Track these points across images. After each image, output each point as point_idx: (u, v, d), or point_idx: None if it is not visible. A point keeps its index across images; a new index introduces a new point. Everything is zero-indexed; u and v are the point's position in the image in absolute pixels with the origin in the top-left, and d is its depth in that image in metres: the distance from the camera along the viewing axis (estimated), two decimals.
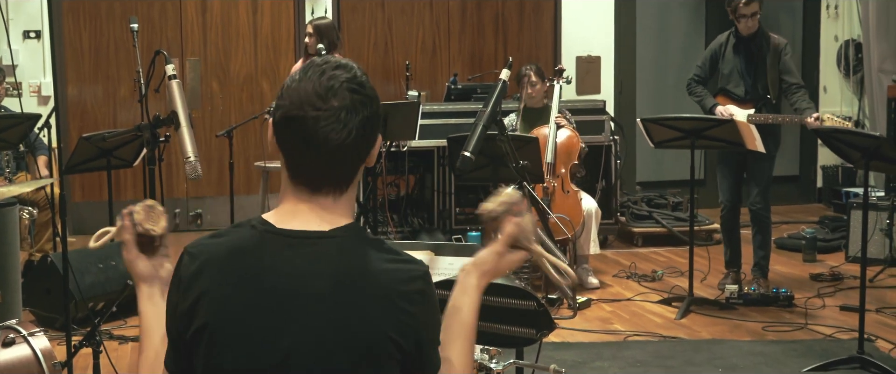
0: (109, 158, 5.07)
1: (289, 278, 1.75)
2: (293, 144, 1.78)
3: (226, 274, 1.76)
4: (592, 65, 9.02)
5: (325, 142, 1.75)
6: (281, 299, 1.74)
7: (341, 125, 1.75)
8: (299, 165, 1.80)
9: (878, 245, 6.91)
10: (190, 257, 1.80)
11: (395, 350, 1.75)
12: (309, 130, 1.74)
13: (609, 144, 7.56)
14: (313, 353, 1.73)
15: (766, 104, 6.04)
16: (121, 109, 8.35)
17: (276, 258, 1.76)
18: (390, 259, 1.79)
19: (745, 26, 6.02)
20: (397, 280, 1.76)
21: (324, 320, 1.73)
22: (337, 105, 1.74)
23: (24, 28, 8.02)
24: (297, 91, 1.76)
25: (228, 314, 1.74)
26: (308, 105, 1.74)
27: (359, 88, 1.78)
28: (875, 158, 4.79)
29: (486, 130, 3.40)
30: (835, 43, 9.58)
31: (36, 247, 6.52)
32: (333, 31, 6.71)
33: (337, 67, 1.78)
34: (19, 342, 3.60)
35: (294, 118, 1.75)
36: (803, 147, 9.65)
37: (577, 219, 6.24)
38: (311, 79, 1.76)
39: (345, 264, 1.76)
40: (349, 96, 1.76)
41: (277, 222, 1.80)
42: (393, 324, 1.74)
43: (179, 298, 1.78)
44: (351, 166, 1.81)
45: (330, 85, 1.75)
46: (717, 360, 4.98)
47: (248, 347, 1.74)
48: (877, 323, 5.58)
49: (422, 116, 6.46)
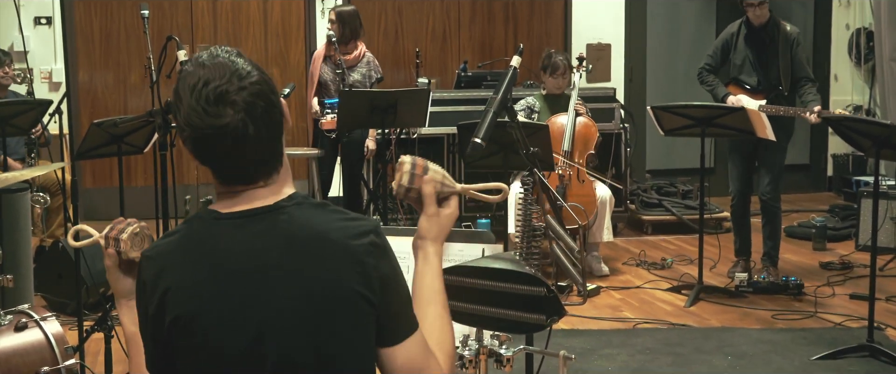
0: (120, 144, 5.07)
1: (246, 257, 1.78)
2: (213, 159, 1.80)
3: (185, 267, 1.79)
4: (603, 53, 9.00)
5: (240, 144, 1.76)
6: (243, 278, 1.77)
7: (244, 125, 1.75)
8: (228, 172, 1.82)
9: (889, 234, 6.90)
10: (148, 260, 1.83)
11: (364, 303, 1.77)
12: (222, 143, 1.76)
13: (619, 132, 7.56)
14: (286, 323, 1.75)
15: (778, 95, 6.02)
16: (131, 95, 8.37)
17: (230, 240, 1.79)
18: (339, 219, 1.81)
19: (754, 15, 6.00)
20: (349, 236, 1.78)
21: (288, 289, 1.76)
22: (232, 112, 1.74)
23: (36, 14, 8.04)
24: (191, 114, 1.75)
25: (196, 303, 1.77)
26: (204, 125, 1.75)
27: (240, 80, 1.76)
28: (886, 146, 4.78)
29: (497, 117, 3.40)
30: (846, 31, 9.55)
31: (47, 232, 6.55)
32: (356, 19, 6.72)
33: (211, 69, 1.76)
34: (32, 327, 3.62)
35: (203, 138, 1.76)
36: (814, 136, 9.63)
37: (590, 208, 6.24)
38: (198, 95, 1.75)
39: (296, 230, 1.79)
40: (239, 98, 1.75)
41: (223, 208, 1.83)
42: (354, 277, 1.77)
43: (147, 302, 1.81)
44: (273, 148, 1.82)
45: (217, 94, 1.74)
46: (727, 348, 4.98)
47: (221, 331, 1.76)
48: (886, 312, 5.58)
49: (432, 104, 6.47)
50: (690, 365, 4.75)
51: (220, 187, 1.84)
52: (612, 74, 9.02)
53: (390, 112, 5.88)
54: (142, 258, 1.84)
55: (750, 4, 5.97)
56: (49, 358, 3.59)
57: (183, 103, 1.77)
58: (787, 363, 4.77)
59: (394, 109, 5.88)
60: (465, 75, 7.90)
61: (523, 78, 7.89)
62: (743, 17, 6.13)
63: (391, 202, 7.36)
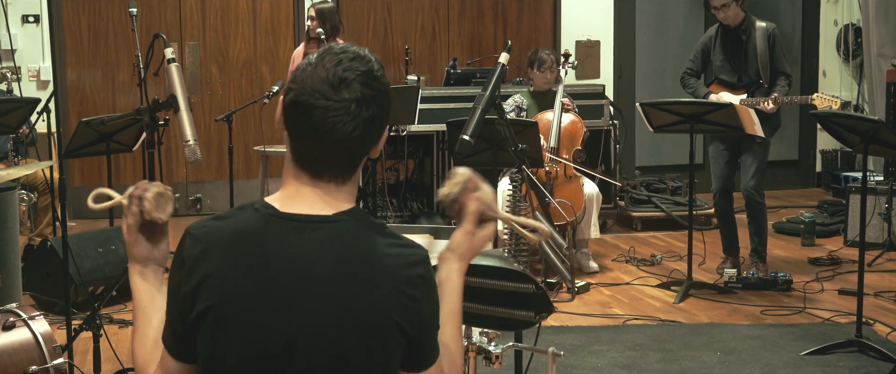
0: (109, 142, 5.06)
1: (293, 263, 1.75)
2: (300, 128, 1.77)
3: (230, 258, 1.76)
4: (592, 49, 9.01)
5: (331, 132, 1.74)
6: (286, 284, 1.75)
7: (350, 118, 1.74)
8: (303, 150, 1.79)
9: (877, 229, 6.92)
10: (192, 239, 1.79)
11: (399, 335, 1.76)
12: (317, 119, 1.74)
13: (608, 128, 7.57)
14: (318, 338, 1.74)
15: (758, 88, 6.06)
16: (120, 93, 8.35)
17: (281, 243, 1.76)
18: (392, 244, 1.79)
19: (722, 17, 6.07)
20: (400, 265, 1.77)
21: (328, 305, 1.74)
22: (348, 98, 1.74)
23: (23, 12, 8.01)
24: (310, 77, 1.75)
25: (233, 298, 1.75)
26: (319, 94, 1.74)
27: (372, 83, 1.77)
28: (874, 142, 4.79)
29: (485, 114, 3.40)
30: (834, 27, 9.57)
31: (36, 231, 6.53)
32: (336, 15, 6.70)
33: (354, 58, 1.77)
34: (19, 326, 3.61)
35: (303, 104, 1.75)
36: (802, 131, 9.66)
37: (578, 204, 6.25)
38: (327, 67, 1.75)
39: (349, 248, 1.77)
40: (361, 90, 1.75)
41: (281, 205, 1.80)
42: (397, 309, 1.76)
43: (182, 279, 1.78)
44: (354, 157, 1.81)
45: (344, 76, 1.74)
46: (716, 344, 4.99)
47: (252, 332, 1.74)
48: (875, 307, 5.60)
49: (421, 101, 6.46)
50: (680, 361, 4.76)
51: (289, 168, 1.82)
52: (602, 71, 9.03)
53: None
54: (186, 234, 1.80)
55: (714, 7, 6.03)
56: (37, 357, 3.58)
57: (313, 64, 1.76)
58: (776, 358, 4.78)
59: None
60: (454, 72, 7.90)
61: (512, 75, 7.89)
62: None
63: (381, 200, 7.37)
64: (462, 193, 2.02)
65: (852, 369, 4.62)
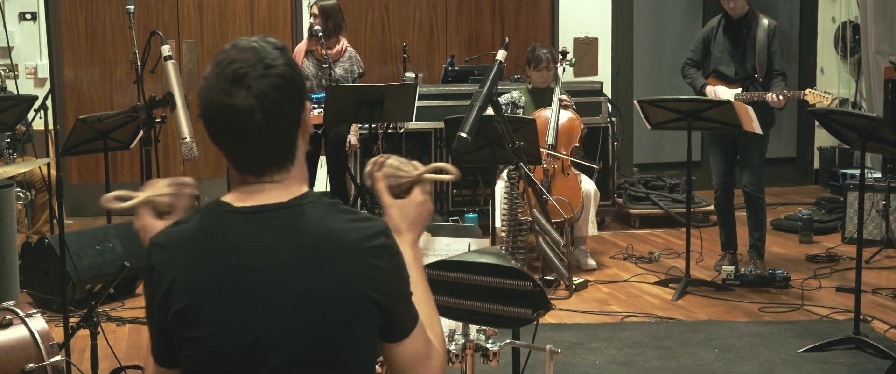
0: (106, 139, 5.06)
1: (254, 254, 1.77)
2: (222, 138, 1.79)
3: (193, 258, 1.79)
4: (590, 47, 9.01)
5: (245, 131, 1.76)
6: (251, 273, 1.77)
7: (254, 111, 1.74)
8: (235, 157, 1.82)
9: (875, 226, 6.92)
10: (157, 247, 1.82)
11: (373, 307, 1.78)
12: (227, 124, 1.76)
13: (606, 125, 7.57)
14: (292, 321, 1.76)
15: (753, 83, 6.07)
16: (117, 90, 8.34)
17: (239, 236, 1.78)
18: (350, 219, 1.81)
19: (729, 7, 6.08)
20: (361, 237, 1.78)
21: (297, 289, 1.76)
22: (245, 95, 1.74)
23: (20, 10, 8.00)
24: (207, 88, 1.77)
25: (201, 297, 1.77)
26: (218, 101, 1.75)
27: (267, 70, 1.76)
28: (871, 139, 4.79)
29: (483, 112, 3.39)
30: (832, 24, 9.57)
31: (33, 229, 6.53)
32: (338, 13, 6.70)
33: (243, 51, 1.77)
34: (17, 324, 3.61)
35: (210, 116, 1.77)
36: (800, 128, 9.66)
37: (576, 201, 6.25)
38: (218, 72, 1.76)
39: (307, 230, 1.78)
40: (256, 81, 1.75)
41: (235, 201, 1.82)
42: (366, 281, 1.77)
43: (153, 289, 1.81)
44: (282, 143, 1.82)
45: (235, 75, 1.74)
46: (714, 341, 4.99)
47: (226, 325, 1.76)
48: (873, 304, 5.60)
49: (419, 98, 6.46)
50: (678, 358, 4.76)
51: (234, 176, 1.85)
52: (599, 68, 9.03)
53: (377, 107, 5.87)
54: (151, 245, 1.83)
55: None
56: (34, 355, 3.58)
57: (206, 78, 1.78)
58: (774, 355, 4.78)
59: (380, 104, 5.88)
60: (452, 70, 7.89)
61: (510, 72, 7.88)
62: (723, 10, 6.20)
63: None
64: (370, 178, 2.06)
65: (850, 366, 4.62)
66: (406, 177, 2.06)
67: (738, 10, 6.09)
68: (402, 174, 2.06)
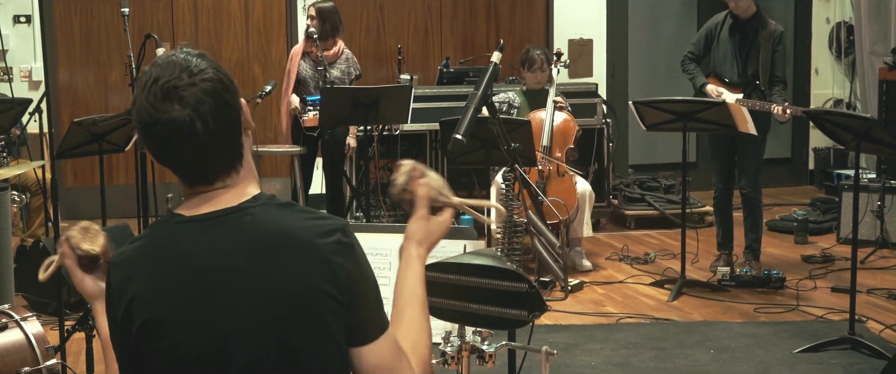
0: (101, 142, 5.05)
1: (209, 260, 1.77)
2: (162, 154, 1.79)
3: (150, 271, 1.78)
4: (585, 48, 9.01)
5: (185, 140, 1.75)
6: (207, 280, 1.76)
7: (191, 119, 1.74)
8: (181, 170, 1.81)
9: (869, 227, 6.93)
10: (114, 266, 1.83)
11: (332, 303, 1.76)
12: (165, 136, 1.75)
13: (601, 127, 7.57)
14: (252, 324, 1.75)
15: (755, 90, 6.05)
16: (112, 93, 8.33)
17: (193, 244, 1.78)
18: (305, 218, 1.80)
19: (734, 6, 6.04)
20: (316, 235, 1.77)
21: (254, 290, 1.75)
22: (179, 108, 1.73)
23: (15, 13, 7.99)
24: (139, 108, 1.76)
25: (162, 307, 1.76)
26: (151, 116, 1.74)
27: (191, 76, 1.75)
28: (866, 139, 4.80)
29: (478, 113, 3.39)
30: (826, 25, 9.59)
31: (28, 232, 6.52)
32: (336, 15, 6.70)
33: (166, 67, 1.76)
34: (12, 327, 3.60)
35: (148, 132, 1.76)
36: (795, 129, 9.67)
37: (571, 202, 6.25)
38: (147, 90, 1.75)
39: (260, 231, 1.78)
40: (186, 94, 1.74)
41: (187, 211, 1.82)
42: (322, 277, 1.76)
43: (114, 308, 1.81)
44: (225, 146, 1.81)
45: (164, 91, 1.73)
46: (709, 342, 5.00)
47: (188, 335, 1.75)
48: (868, 304, 5.61)
49: (414, 100, 6.46)
50: (673, 359, 4.77)
51: (184, 189, 1.84)
52: (594, 70, 9.03)
53: (372, 109, 5.87)
54: (109, 264, 1.85)
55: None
56: (30, 358, 3.57)
57: (136, 101, 1.77)
58: (769, 356, 4.79)
59: (376, 106, 5.87)
60: (447, 71, 7.89)
61: (505, 74, 7.89)
62: (729, 9, 6.16)
63: (374, 199, 7.36)
64: (409, 182, 2.05)
65: (845, 366, 4.63)
66: (446, 200, 2.06)
67: (745, 9, 6.04)
68: (444, 196, 2.06)
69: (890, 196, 6.89)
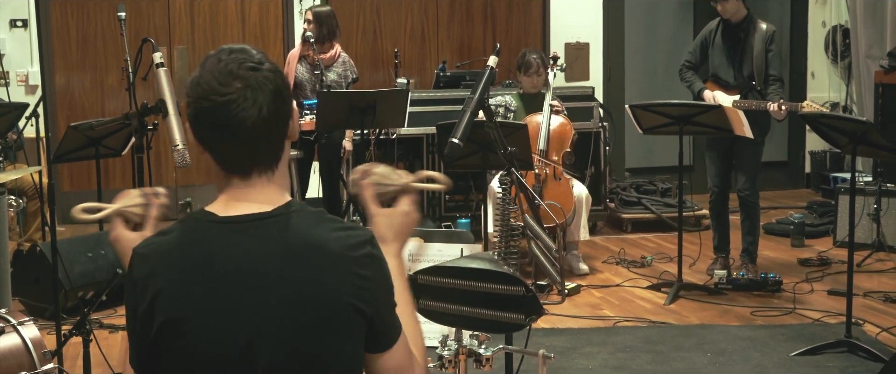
0: (98, 146, 5.06)
1: (240, 262, 1.77)
2: (211, 135, 1.79)
3: (178, 269, 1.78)
4: (581, 52, 9.02)
5: (240, 123, 1.76)
6: (236, 283, 1.76)
7: (250, 103, 1.76)
8: (224, 155, 1.81)
9: (866, 230, 6.94)
10: (140, 258, 1.81)
11: (357, 316, 1.78)
12: (220, 117, 1.76)
13: (598, 130, 7.58)
14: (277, 331, 1.75)
15: (751, 91, 6.07)
16: (109, 97, 8.33)
17: (224, 245, 1.78)
18: (336, 228, 1.81)
19: (722, 10, 6.08)
20: (347, 247, 1.78)
21: (282, 298, 1.75)
22: (240, 86, 1.76)
23: (11, 17, 7.99)
24: (198, 84, 1.78)
25: (187, 306, 1.76)
26: (213, 93, 1.76)
27: (257, 66, 1.78)
28: (862, 143, 4.80)
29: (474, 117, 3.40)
30: (822, 29, 9.60)
31: (25, 237, 6.51)
32: (332, 20, 6.71)
33: (231, 53, 1.80)
34: (9, 332, 3.60)
35: (203, 110, 1.77)
36: (792, 133, 9.68)
37: (568, 206, 6.25)
38: (209, 69, 1.78)
39: (292, 239, 1.78)
40: (250, 75, 1.77)
41: (219, 211, 1.82)
42: (351, 290, 1.77)
43: (136, 300, 1.79)
44: (273, 144, 1.82)
45: (228, 69, 1.77)
46: (706, 345, 5.00)
47: (212, 336, 1.75)
48: (864, 307, 5.61)
49: (410, 104, 6.47)
50: (670, 363, 4.77)
51: (219, 180, 1.84)
52: (591, 73, 9.04)
53: (369, 113, 5.87)
54: (134, 255, 1.82)
55: (714, 0, 6.06)
56: (27, 363, 3.57)
57: (197, 74, 1.79)
58: (766, 359, 4.79)
59: (372, 110, 5.88)
60: (443, 75, 7.90)
61: (501, 78, 7.89)
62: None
63: None
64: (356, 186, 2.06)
65: (842, 369, 4.63)
66: (393, 186, 2.06)
67: (733, 13, 6.08)
68: (389, 183, 2.06)
69: (886, 199, 6.90)
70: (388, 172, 2.07)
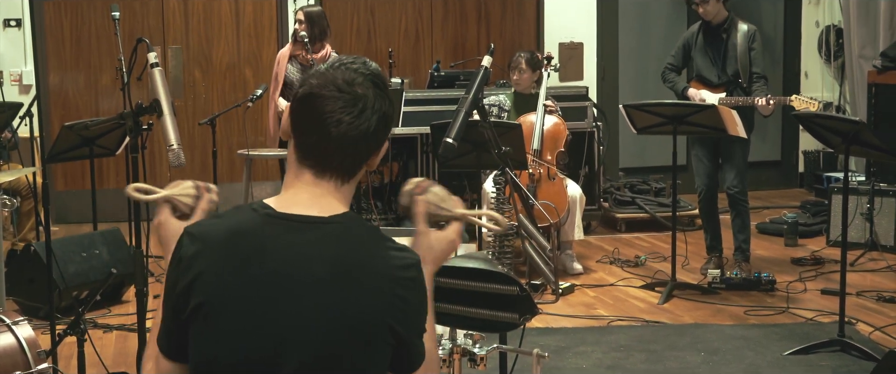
0: (92, 146, 5.06)
1: (287, 262, 1.77)
2: (308, 121, 1.81)
3: (224, 255, 1.78)
4: (575, 51, 9.03)
5: (337, 124, 1.78)
6: (279, 282, 1.76)
7: (357, 111, 1.79)
8: (309, 145, 1.82)
9: (859, 229, 6.96)
10: (190, 237, 1.81)
11: (390, 337, 1.78)
12: (326, 109, 1.78)
13: (592, 130, 7.59)
14: (308, 337, 1.75)
15: (737, 88, 6.12)
16: (103, 97, 8.32)
17: (276, 242, 1.78)
18: (387, 247, 1.82)
19: (703, 13, 6.14)
20: (394, 267, 1.79)
21: (321, 305, 1.75)
22: (359, 92, 1.80)
23: (5, 17, 7.98)
24: (324, 74, 1.82)
25: (225, 294, 1.76)
26: (332, 86, 1.79)
27: (381, 85, 1.83)
28: (855, 143, 4.82)
29: (469, 117, 3.41)
30: (816, 29, 9.62)
31: (19, 236, 6.51)
32: (324, 20, 6.70)
33: (365, 63, 1.85)
34: (3, 331, 3.60)
35: (316, 96, 1.80)
36: (785, 132, 9.70)
37: (562, 206, 6.26)
38: (340, 68, 1.82)
39: (345, 249, 1.79)
40: (371, 89, 1.81)
41: (278, 206, 1.82)
42: (390, 311, 1.78)
43: (178, 276, 1.79)
44: (357, 156, 1.83)
45: (356, 74, 1.81)
46: (700, 344, 5.01)
47: (243, 329, 1.75)
48: (857, 307, 5.63)
49: (405, 104, 6.48)
50: (664, 362, 4.78)
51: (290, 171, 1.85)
52: (585, 73, 9.05)
53: None
54: (184, 233, 1.82)
55: (695, 3, 6.12)
56: (21, 362, 3.57)
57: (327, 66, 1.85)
58: (759, 358, 4.80)
59: None
60: (437, 75, 7.90)
61: (495, 77, 7.90)
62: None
63: (365, 203, 7.37)
64: (410, 198, 2.05)
65: (835, 368, 4.65)
66: (447, 213, 2.06)
67: (714, 15, 6.16)
68: (444, 209, 2.06)
69: (879, 199, 6.93)
70: (445, 195, 2.07)
